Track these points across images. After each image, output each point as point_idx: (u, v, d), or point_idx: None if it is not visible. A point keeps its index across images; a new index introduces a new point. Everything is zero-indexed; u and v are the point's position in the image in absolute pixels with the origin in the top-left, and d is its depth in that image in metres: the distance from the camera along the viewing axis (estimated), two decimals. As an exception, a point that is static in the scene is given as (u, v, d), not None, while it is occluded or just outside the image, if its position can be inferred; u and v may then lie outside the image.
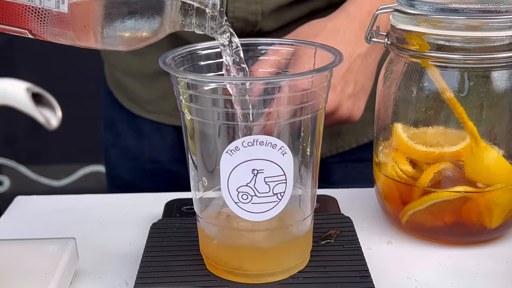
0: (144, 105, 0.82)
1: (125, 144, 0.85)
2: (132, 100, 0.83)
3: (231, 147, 0.44)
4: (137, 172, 0.84)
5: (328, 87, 0.47)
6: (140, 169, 0.84)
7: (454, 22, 0.53)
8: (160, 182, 0.82)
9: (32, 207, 0.66)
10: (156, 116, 0.81)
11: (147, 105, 0.81)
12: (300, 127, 0.47)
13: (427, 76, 0.56)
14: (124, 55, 0.81)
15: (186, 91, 0.46)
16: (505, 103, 0.55)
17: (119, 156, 0.86)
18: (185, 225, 0.56)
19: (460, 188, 0.56)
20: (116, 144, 0.87)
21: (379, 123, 0.60)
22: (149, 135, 0.82)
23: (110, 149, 0.88)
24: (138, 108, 0.82)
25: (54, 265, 0.50)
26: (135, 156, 0.84)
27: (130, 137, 0.84)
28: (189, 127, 0.47)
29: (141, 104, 0.82)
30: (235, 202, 0.46)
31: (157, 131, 0.82)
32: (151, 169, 0.83)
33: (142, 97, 0.81)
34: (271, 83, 0.45)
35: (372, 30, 0.59)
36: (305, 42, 0.50)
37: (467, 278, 0.54)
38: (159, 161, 0.83)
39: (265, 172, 0.45)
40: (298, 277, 0.49)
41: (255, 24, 0.71)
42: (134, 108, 0.83)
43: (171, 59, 0.47)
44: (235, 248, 0.48)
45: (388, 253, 0.57)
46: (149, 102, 0.81)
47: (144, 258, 0.52)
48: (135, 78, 0.81)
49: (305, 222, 0.49)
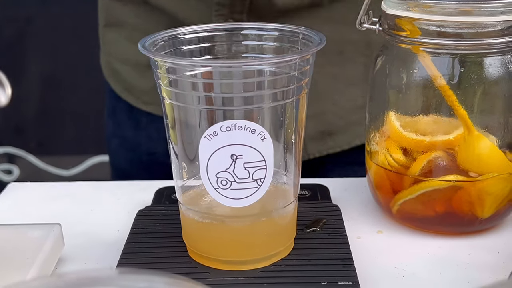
0: (140, 95, 0.81)
1: (124, 134, 0.85)
2: (128, 90, 0.82)
3: (209, 131, 0.44)
4: (135, 163, 0.84)
5: (310, 71, 0.46)
6: (137, 160, 0.84)
7: (445, 7, 0.52)
8: (156, 174, 0.82)
9: (25, 194, 0.66)
10: (151, 108, 0.81)
11: (143, 96, 0.81)
12: (282, 111, 0.46)
13: (419, 63, 0.55)
14: (122, 43, 0.81)
15: (166, 75, 0.45)
16: (498, 90, 0.54)
17: (119, 146, 0.87)
18: (171, 212, 0.55)
19: (451, 177, 0.55)
20: (117, 134, 0.87)
21: (371, 111, 0.59)
22: (145, 126, 0.82)
23: (111, 139, 0.88)
24: (134, 99, 0.82)
25: (36, 250, 0.50)
26: (132, 147, 0.84)
27: (128, 128, 0.84)
28: (170, 114, 0.47)
29: (137, 95, 0.82)
30: (215, 188, 0.45)
31: (153, 123, 0.82)
32: (147, 160, 0.83)
33: (138, 87, 0.81)
34: (253, 67, 0.44)
35: (363, 16, 0.58)
36: (290, 26, 0.49)
37: (456, 268, 0.53)
38: (154, 153, 0.83)
39: (244, 158, 0.44)
40: (280, 264, 0.48)
41: (243, 3, 0.70)
42: (130, 98, 0.82)
43: (151, 43, 0.46)
44: (216, 234, 0.47)
45: (378, 242, 0.57)
46: (144, 92, 0.81)
47: (127, 244, 0.52)
48: (133, 67, 0.81)
49: (287, 209, 0.48)
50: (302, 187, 0.61)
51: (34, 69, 1.72)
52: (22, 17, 1.71)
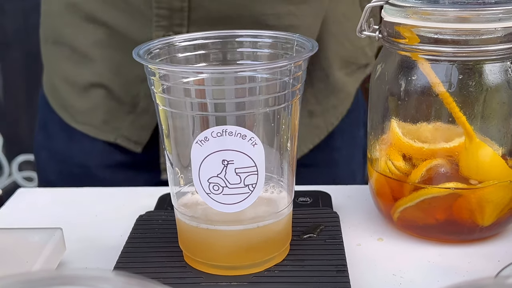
0: (75, 114, 0.82)
1: (55, 146, 0.86)
2: (64, 108, 0.83)
3: (200, 137, 0.44)
4: (64, 175, 0.85)
5: (303, 76, 0.47)
6: (67, 172, 0.84)
7: (444, 14, 0.52)
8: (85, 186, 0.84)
9: (32, 199, 0.67)
10: (85, 128, 0.82)
11: (77, 115, 0.82)
12: (275, 117, 0.46)
13: (419, 70, 0.55)
14: (63, 63, 0.82)
15: (160, 82, 0.46)
16: (498, 97, 0.54)
17: (49, 159, 0.87)
18: (171, 217, 0.55)
19: (450, 184, 0.54)
20: (46, 146, 0.87)
21: (372, 118, 0.59)
22: (79, 139, 0.83)
23: (40, 151, 0.89)
24: (69, 117, 0.83)
25: (36, 255, 0.51)
26: (64, 159, 0.85)
27: (60, 140, 0.85)
28: (164, 121, 0.47)
29: (72, 113, 0.83)
30: (207, 193, 0.46)
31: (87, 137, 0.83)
32: (79, 173, 0.84)
33: (74, 107, 0.82)
34: (245, 73, 0.45)
35: (364, 23, 0.58)
36: (284, 34, 0.49)
37: (455, 276, 0.52)
38: (88, 166, 0.83)
39: (235, 163, 0.45)
40: (274, 270, 0.49)
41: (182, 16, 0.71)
42: (65, 116, 0.83)
43: (146, 51, 0.47)
44: (209, 240, 0.48)
45: (378, 249, 0.56)
46: (80, 112, 0.82)
47: (125, 248, 0.52)
48: (71, 86, 0.82)
49: (281, 215, 0.49)
50: (304, 194, 0.61)
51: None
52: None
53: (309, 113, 0.81)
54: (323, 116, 0.82)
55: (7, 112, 1.85)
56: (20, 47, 1.78)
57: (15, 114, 1.84)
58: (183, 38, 0.49)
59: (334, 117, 0.83)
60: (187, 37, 0.49)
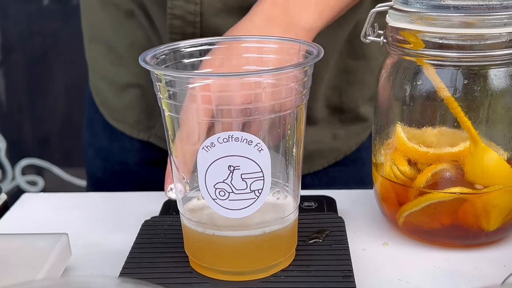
0: (112, 112, 0.85)
1: (99, 144, 0.88)
2: (103, 105, 0.86)
3: (206, 143, 0.44)
4: (108, 172, 0.87)
5: (308, 82, 0.47)
6: (110, 169, 0.87)
7: (448, 20, 0.52)
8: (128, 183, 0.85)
9: (37, 204, 0.67)
10: (121, 126, 0.84)
11: (114, 113, 0.85)
12: (280, 123, 0.46)
13: (424, 74, 0.55)
14: (102, 63, 0.84)
15: (166, 88, 0.46)
16: (503, 102, 0.54)
17: (95, 156, 0.89)
18: (176, 222, 0.56)
19: (455, 189, 0.54)
20: (92, 143, 0.90)
21: (377, 122, 0.59)
22: (118, 137, 0.85)
23: (87, 148, 0.91)
24: (108, 114, 0.85)
25: (43, 260, 0.51)
26: (106, 156, 0.87)
27: (103, 138, 0.87)
28: (170, 126, 0.47)
29: (110, 111, 0.85)
30: (213, 199, 0.46)
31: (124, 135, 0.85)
32: (119, 170, 0.86)
33: (112, 105, 0.84)
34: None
35: (369, 28, 0.58)
36: (290, 39, 0.49)
37: (460, 281, 0.52)
38: (126, 163, 0.85)
39: (241, 169, 0.45)
40: (280, 275, 0.49)
41: (194, 25, 0.71)
42: (105, 113, 0.86)
43: (153, 57, 0.47)
44: (215, 245, 0.48)
45: (383, 254, 0.56)
46: (116, 111, 0.84)
47: (130, 254, 0.52)
48: (108, 84, 0.84)
49: (286, 220, 0.49)
50: (309, 199, 0.61)
51: (60, 82, 1.76)
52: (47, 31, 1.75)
53: (333, 136, 0.82)
54: (346, 140, 0.83)
55: (10, 116, 1.86)
56: (23, 51, 1.79)
57: (18, 118, 1.85)
58: (189, 44, 0.49)
59: (353, 143, 0.84)
60: (193, 42, 0.49)
